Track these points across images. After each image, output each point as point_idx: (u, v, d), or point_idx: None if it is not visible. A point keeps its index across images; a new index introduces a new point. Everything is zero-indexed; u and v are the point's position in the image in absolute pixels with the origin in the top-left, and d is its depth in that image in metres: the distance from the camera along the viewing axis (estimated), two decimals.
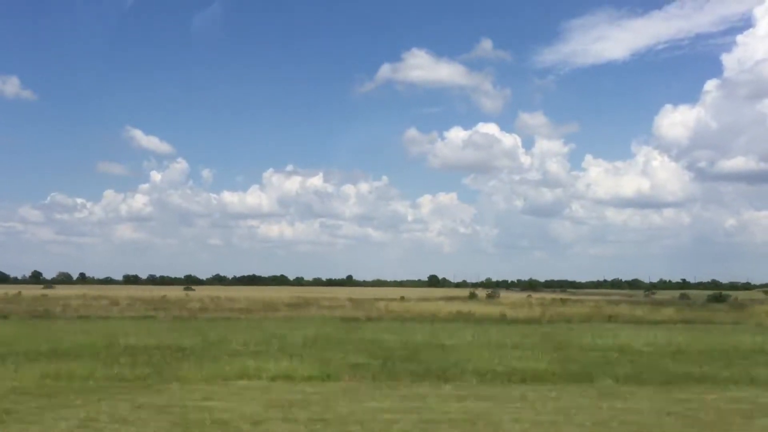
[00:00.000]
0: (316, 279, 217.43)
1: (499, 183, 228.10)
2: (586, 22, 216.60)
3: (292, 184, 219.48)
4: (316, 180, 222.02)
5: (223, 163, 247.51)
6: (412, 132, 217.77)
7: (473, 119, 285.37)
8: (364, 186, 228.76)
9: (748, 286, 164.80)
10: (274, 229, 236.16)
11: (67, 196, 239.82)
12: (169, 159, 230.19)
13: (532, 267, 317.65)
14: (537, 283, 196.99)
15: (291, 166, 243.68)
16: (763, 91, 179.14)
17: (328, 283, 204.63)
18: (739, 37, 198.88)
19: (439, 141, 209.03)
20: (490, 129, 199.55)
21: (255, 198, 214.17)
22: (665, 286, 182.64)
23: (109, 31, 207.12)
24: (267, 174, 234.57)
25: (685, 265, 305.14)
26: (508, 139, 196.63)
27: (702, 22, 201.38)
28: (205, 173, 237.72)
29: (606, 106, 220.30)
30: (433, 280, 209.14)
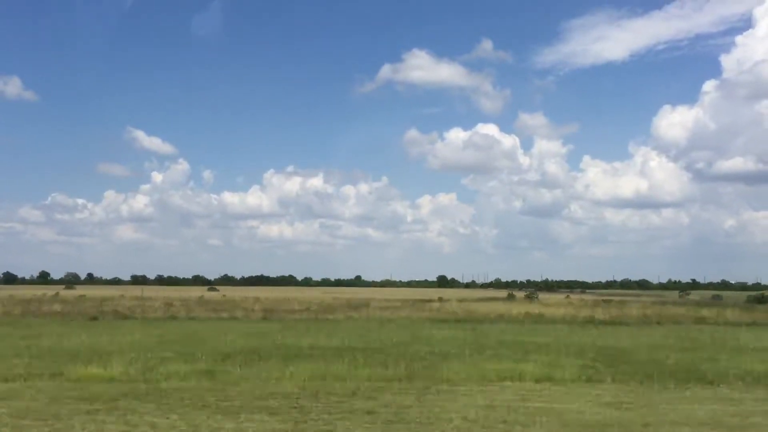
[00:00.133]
0: (324, 279, 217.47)
1: (498, 183, 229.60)
2: (586, 22, 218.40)
3: (293, 185, 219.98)
4: (316, 180, 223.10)
5: (223, 164, 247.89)
6: (412, 132, 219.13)
7: (473, 120, 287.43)
8: (364, 186, 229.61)
9: (758, 287, 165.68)
10: (273, 230, 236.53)
11: (67, 196, 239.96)
12: (170, 160, 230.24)
13: (532, 267, 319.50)
14: (545, 284, 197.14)
15: (291, 167, 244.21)
16: (762, 91, 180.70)
17: (337, 283, 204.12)
18: (739, 38, 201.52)
19: (439, 141, 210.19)
20: (490, 130, 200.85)
21: (255, 198, 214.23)
22: (675, 286, 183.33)
23: (110, 31, 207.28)
24: (267, 174, 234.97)
25: (686, 265, 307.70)
26: (507, 140, 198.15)
27: (701, 22, 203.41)
28: (206, 174, 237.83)
29: (605, 106, 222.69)
30: (442, 281, 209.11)
